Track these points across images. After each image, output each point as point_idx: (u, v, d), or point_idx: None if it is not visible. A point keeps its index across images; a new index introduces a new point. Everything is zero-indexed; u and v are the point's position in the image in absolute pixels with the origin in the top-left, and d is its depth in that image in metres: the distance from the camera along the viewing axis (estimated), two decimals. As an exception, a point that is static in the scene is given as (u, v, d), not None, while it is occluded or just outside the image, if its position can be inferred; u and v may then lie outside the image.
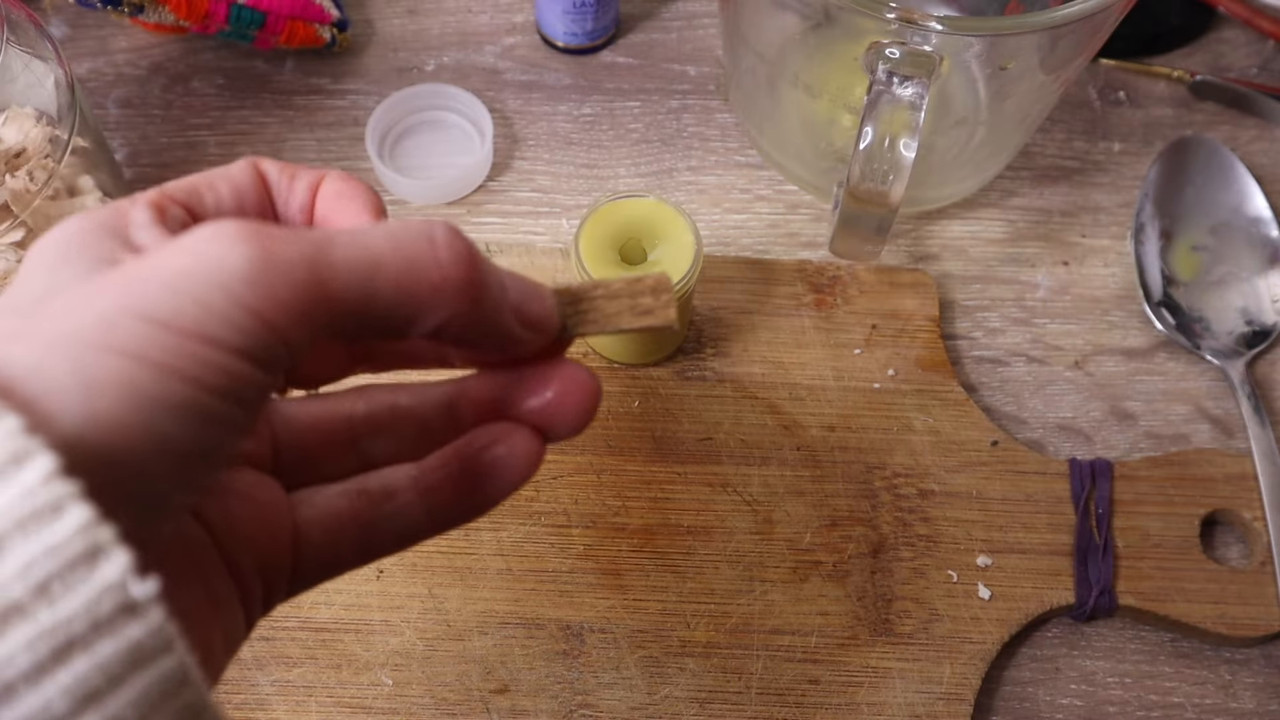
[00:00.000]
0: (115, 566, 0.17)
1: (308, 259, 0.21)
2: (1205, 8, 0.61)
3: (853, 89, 0.53)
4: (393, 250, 0.22)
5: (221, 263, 0.20)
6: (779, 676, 0.44)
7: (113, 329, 0.19)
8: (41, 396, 0.18)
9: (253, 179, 0.26)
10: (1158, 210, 0.54)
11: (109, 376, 0.19)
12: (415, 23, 0.61)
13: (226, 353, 0.20)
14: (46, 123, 0.44)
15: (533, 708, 0.43)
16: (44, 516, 0.17)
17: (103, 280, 0.20)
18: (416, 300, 0.22)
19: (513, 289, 0.25)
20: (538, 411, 0.27)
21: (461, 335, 0.24)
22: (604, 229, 0.45)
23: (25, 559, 0.17)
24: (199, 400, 0.19)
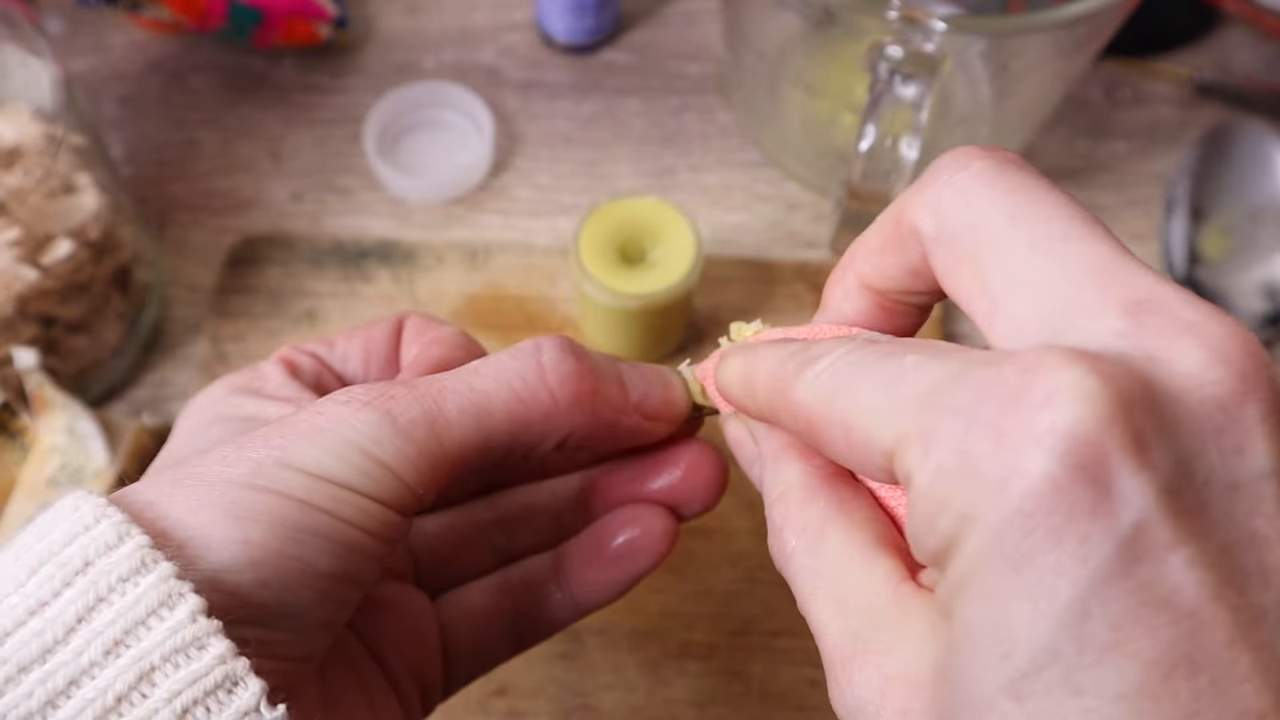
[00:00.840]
0: (250, 694, 0.20)
1: (426, 418, 0.23)
2: (1209, 7, 0.60)
3: (854, 88, 0.53)
4: (501, 386, 0.24)
5: (352, 424, 0.23)
6: (779, 678, 0.43)
7: (260, 471, 0.22)
8: (196, 536, 0.21)
9: (387, 335, 0.30)
10: (1193, 189, 0.54)
11: (258, 510, 0.21)
12: (414, 20, 0.61)
13: (360, 497, 0.22)
14: (42, 120, 0.44)
15: (532, 709, 0.43)
16: (189, 650, 0.20)
17: (252, 435, 0.23)
18: (532, 428, 0.24)
19: (634, 386, 0.26)
20: (666, 492, 0.28)
21: (585, 444, 0.26)
22: (604, 228, 0.45)
23: (173, 688, 0.20)
24: (337, 530, 0.22)
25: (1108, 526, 0.16)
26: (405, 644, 0.28)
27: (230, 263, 0.52)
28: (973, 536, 0.17)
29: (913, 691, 0.19)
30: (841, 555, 0.21)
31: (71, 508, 0.21)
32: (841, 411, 0.20)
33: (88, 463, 0.44)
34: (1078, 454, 0.16)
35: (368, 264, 0.52)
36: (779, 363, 0.22)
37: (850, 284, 0.24)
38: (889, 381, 0.19)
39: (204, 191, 0.55)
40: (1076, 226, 0.19)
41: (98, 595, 0.20)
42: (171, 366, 0.51)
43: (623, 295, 0.44)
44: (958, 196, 0.20)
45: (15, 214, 0.42)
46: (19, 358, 0.44)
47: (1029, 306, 0.19)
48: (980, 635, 0.17)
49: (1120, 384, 0.17)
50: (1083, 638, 0.16)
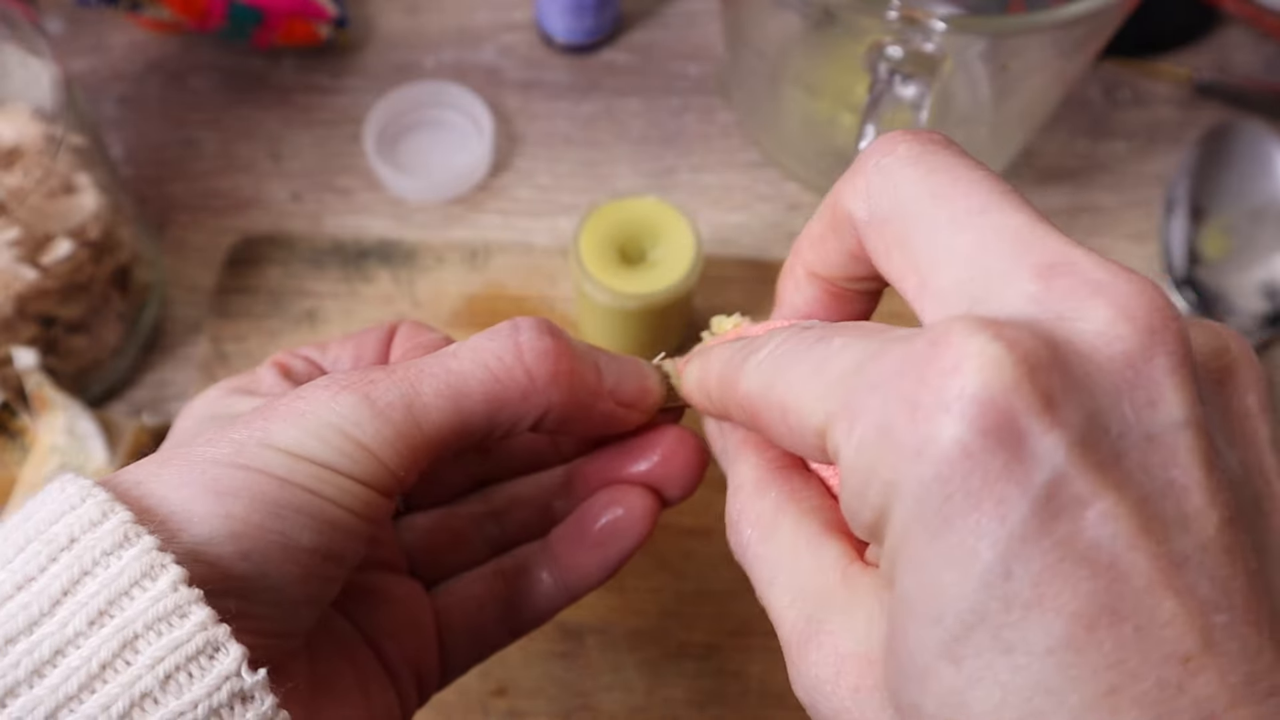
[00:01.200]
0: (231, 659, 0.20)
1: (403, 400, 0.24)
2: (1209, 7, 0.60)
3: (854, 88, 0.53)
4: (477, 366, 0.25)
5: (332, 406, 0.23)
6: (778, 679, 0.43)
7: (242, 450, 0.23)
8: (178, 511, 0.22)
9: (379, 341, 0.30)
10: (1193, 189, 0.54)
11: (239, 486, 0.22)
12: (414, 20, 0.61)
13: (340, 476, 0.23)
14: (42, 120, 0.44)
15: (531, 709, 0.43)
16: (170, 619, 0.20)
17: (236, 419, 0.24)
18: (509, 406, 0.25)
19: (609, 372, 0.27)
20: (644, 475, 0.29)
21: (561, 424, 0.26)
22: (604, 228, 0.45)
23: (155, 654, 0.20)
24: (317, 506, 0.23)
25: (1022, 486, 0.16)
26: (401, 632, 0.28)
27: (230, 263, 0.52)
28: (897, 506, 0.18)
29: (865, 668, 0.19)
30: (792, 543, 0.22)
31: (59, 489, 0.22)
32: (779, 396, 0.21)
33: (87, 463, 0.44)
34: (986, 418, 0.17)
35: (368, 264, 0.52)
36: (726, 359, 0.23)
37: (799, 275, 0.25)
38: (818, 365, 0.20)
39: (204, 191, 0.55)
40: (994, 199, 0.20)
41: (82, 569, 0.21)
42: (171, 367, 0.51)
43: (622, 295, 0.44)
44: (885, 180, 0.21)
45: (15, 214, 0.42)
46: (19, 358, 0.44)
47: (950, 280, 0.19)
48: (914, 603, 0.17)
49: (1025, 347, 0.17)
50: (1007, 597, 0.16)
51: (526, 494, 0.31)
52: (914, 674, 0.17)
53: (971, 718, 0.17)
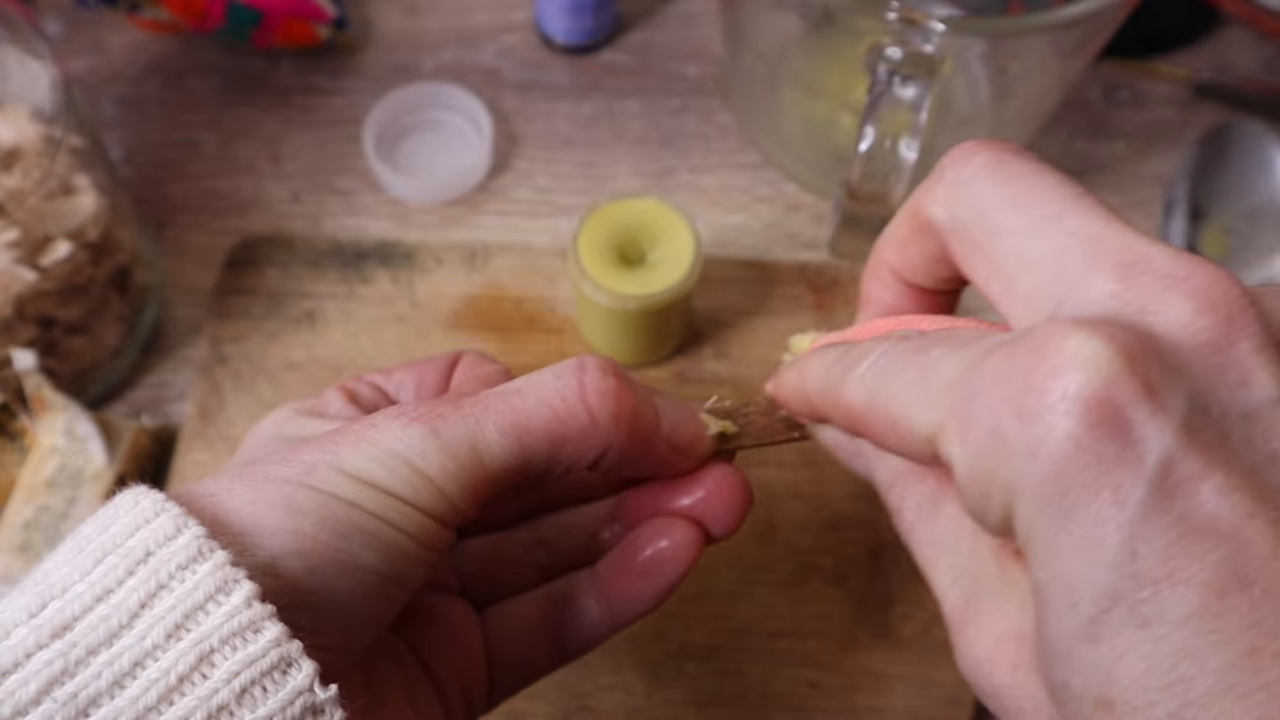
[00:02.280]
0: (304, 675, 0.21)
1: (469, 436, 0.25)
2: (1208, 8, 0.60)
3: (853, 89, 0.53)
4: (541, 405, 0.25)
5: (400, 436, 0.24)
6: (778, 680, 0.43)
7: (312, 471, 0.24)
8: (251, 527, 0.23)
9: (440, 369, 0.31)
10: (1192, 190, 0.54)
11: (309, 506, 0.23)
12: (414, 21, 0.61)
13: (403, 504, 0.24)
14: (41, 121, 0.44)
15: (531, 710, 0.43)
16: (245, 634, 0.21)
17: (309, 440, 0.25)
18: (570, 444, 0.26)
19: (666, 416, 0.27)
20: (689, 510, 0.29)
21: (616, 466, 0.27)
22: (603, 230, 0.45)
23: (231, 669, 0.21)
24: (380, 531, 0.24)
25: (1137, 470, 0.17)
26: (450, 651, 0.29)
27: (229, 264, 0.52)
28: (1020, 505, 0.18)
29: (1022, 646, 0.20)
30: (953, 528, 0.23)
31: (132, 503, 0.23)
32: (884, 407, 0.21)
33: (87, 464, 0.44)
34: (1094, 412, 0.18)
35: (367, 265, 0.52)
36: (825, 371, 0.24)
37: (884, 276, 0.26)
38: (920, 376, 0.21)
39: (203, 193, 0.55)
40: (1069, 204, 0.21)
41: (158, 583, 0.21)
42: (171, 368, 0.51)
43: (622, 296, 0.44)
44: (964, 190, 0.22)
45: (14, 215, 0.42)
46: (18, 359, 0.44)
47: (1033, 284, 0.21)
48: (1049, 592, 0.18)
49: (1121, 340, 0.18)
50: (1137, 575, 0.17)
51: (575, 523, 0.31)
52: (1059, 656, 0.18)
53: (1119, 691, 0.18)
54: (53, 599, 0.21)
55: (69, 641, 0.21)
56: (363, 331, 0.50)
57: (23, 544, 0.43)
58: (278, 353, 0.50)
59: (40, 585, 0.22)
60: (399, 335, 0.50)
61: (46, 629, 0.21)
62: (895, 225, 0.25)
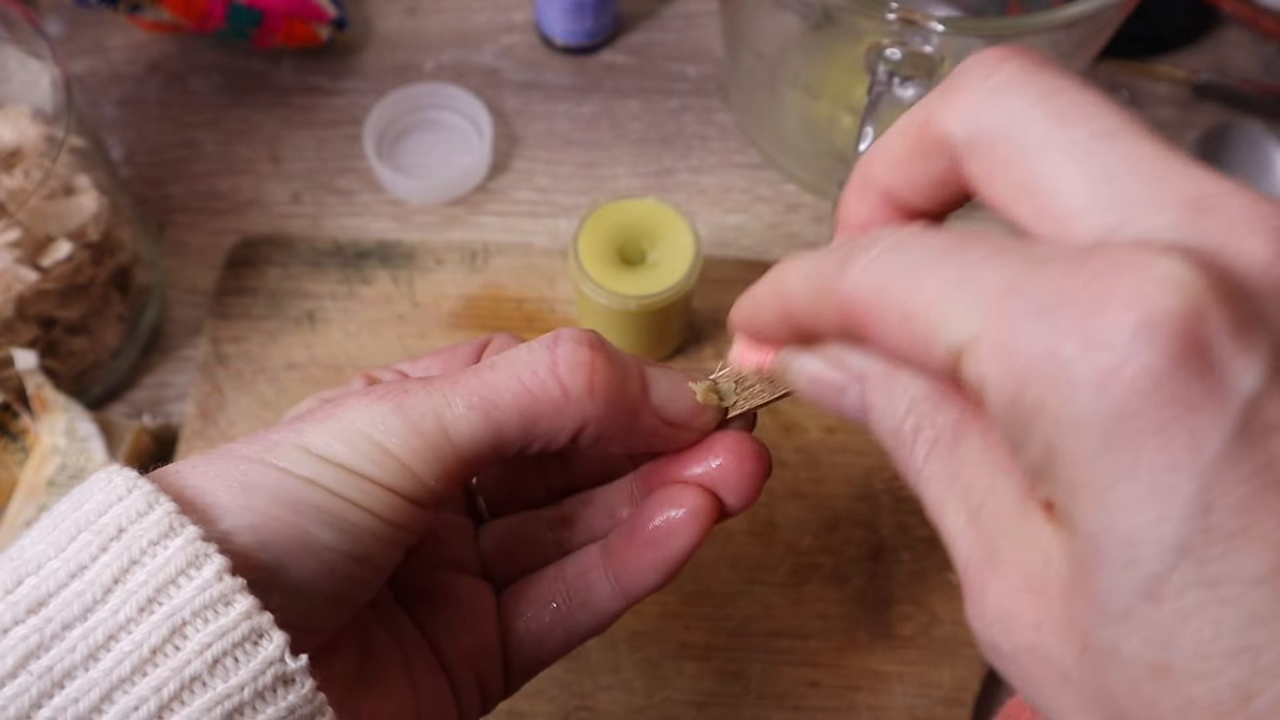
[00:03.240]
0: (274, 646, 0.22)
1: (434, 411, 0.24)
2: (1208, 8, 0.60)
3: (853, 89, 0.53)
4: (511, 379, 0.25)
5: (366, 414, 0.24)
6: (778, 679, 0.44)
7: (273, 449, 0.24)
8: (213, 504, 0.23)
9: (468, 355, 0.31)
10: None
11: (264, 481, 0.23)
12: (414, 22, 0.61)
13: (366, 481, 0.24)
14: (42, 121, 0.44)
15: (531, 710, 0.43)
16: (217, 606, 0.21)
17: (282, 421, 0.25)
18: (544, 419, 0.25)
19: (658, 388, 0.26)
20: (701, 479, 0.28)
21: (601, 439, 0.26)
22: (603, 230, 0.45)
23: (203, 640, 0.21)
24: (340, 508, 0.23)
25: (1219, 412, 0.16)
26: (461, 631, 0.29)
27: (230, 264, 0.52)
28: (1077, 443, 0.16)
29: (1043, 604, 0.18)
30: (977, 460, 0.21)
31: (105, 481, 0.23)
32: (900, 301, 0.19)
33: (88, 464, 0.45)
34: (1179, 342, 0.16)
35: (367, 265, 0.52)
36: (815, 265, 0.21)
37: (870, 197, 0.23)
38: (956, 275, 0.18)
39: (204, 193, 0.55)
40: (1124, 124, 0.19)
41: (131, 558, 0.22)
42: (171, 368, 0.51)
43: (622, 296, 0.44)
44: (992, 100, 0.20)
45: (15, 216, 0.42)
46: (19, 359, 0.44)
47: (1079, 204, 0.18)
48: (1104, 545, 0.17)
49: (1214, 270, 0.16)
50: (1209, 530, 0.16)
51: (598, 500, 0.31)
52: (1112, 616, 0.17)
53: (1182, 656, 0.16)
54: (28, 575, 0.22)
55: (44, 617, 0.21)
56: (363, 331, 0.50)
57: (24, 544, 0.43)
58: (278, 353, 0.50)
59: (15, 562, 0.22)
60: (399, 335, 0.50)
61: (22, 605, 0.21)
62: (891, 142, 0.22)
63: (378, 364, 0.50)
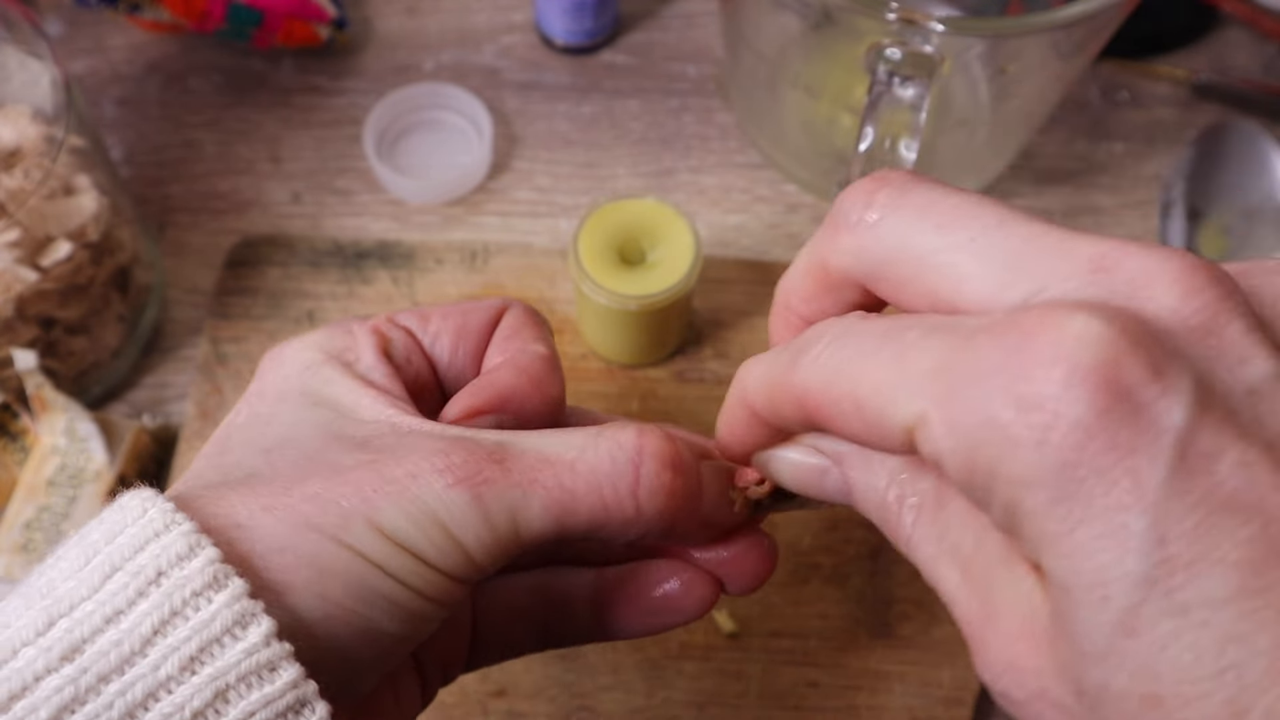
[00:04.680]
0: (318, 717, 0.21)
1: (511, 510, 0.24)
2: (1208, 8, 0.60)
3: (853, 89, 0.53)
4: (590, 490, 0.24)
5: (441, 498, 0.23)
6: (778, 679, 0.44)
7: (347, 528, 0.23)
8: (278, 579, 0.22)
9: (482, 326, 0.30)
10: (1189, 190, 0.54)
11: (339, 567, 0.22)
12: (414, 22, 0.61)
13: (432, 570, 0.23)
14: (42, 121, 0.44)
15: (531, 710, 0.43)
16: (263, 672, 0.21)
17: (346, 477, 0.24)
18: (609, 528, 0.25)
19: (707, 498, 0.26)
20: (711, 564, 0.28)
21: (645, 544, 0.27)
22: (603, 230, 0.45)
23: (248, 709, 0.21)
24: (404, 596, 0.23)
25: (1153, 453, 0.17)
26: (439, 636, 0.29)
27: (230, 264, 0.52)
28: (1027, 499, 0.17)
29: (1039, 651, 0.19)
30: (961, 520, 0.21)
31: (139, 510, 0.22)
32: (849, 390, 0.20)
33: (88, 464, 0.45)
34: (1102, 396, 0.17)
35: (367, 265, 0.52)
36: (769, 363, 0.22)
37: (795, 325, 0.25)
38: (895, 359, 0.19)
39: (203, 193, 0.55)
40: (1003, 213, 0.20)
41: (172, 609, 0.21)
42: (171, 368, 0.51)
43: (622, 296, 0.44)
44: (873, 233, 0.21)
45: (15, 216, 0.42)
46: (19, 359, 0.44)
47: (989, 289, 0.19)
48: (1074, 589, 0.17)
49: (1122, 321, 0.17)
50: (1169, 560, 0.17)
51: None
52: (1095, 655, 0.17)
53: (1169, 684, 0.17)
54: (60, 616, 0.21)
55: (79, 667, 0.20)
56: (363, 331, 0.50)
57: (24, 543, 0.43)
58: (278, 353, 0.50)
59: (47, 600, 0.21)
60: (399, 335, 0.50)
61: (56, 651, 0.20)
62: (798, 280, 0.24)
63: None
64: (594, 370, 0.50)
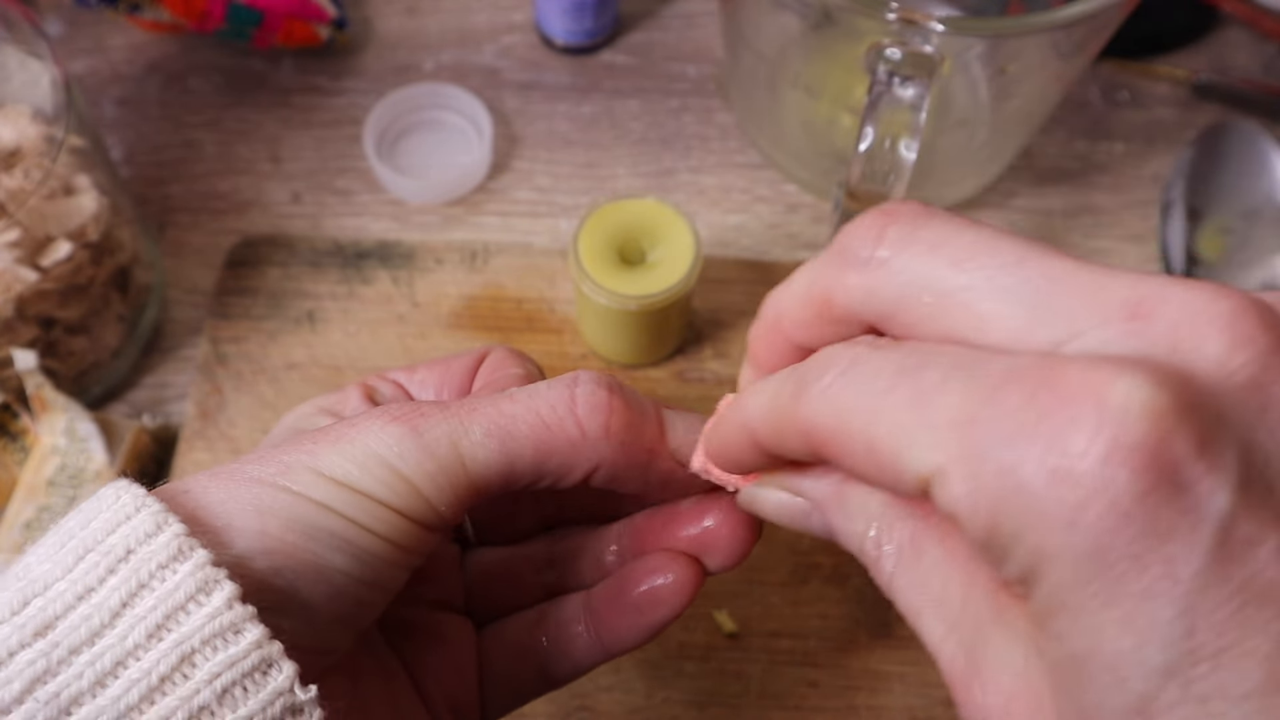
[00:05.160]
0: (284, 676, 0.21)
1: (450, 437, 0.24)
2: (1208, 8, 0.60)
3: (853, 89, 0.53)
4: (529, 412, 0.25)
5: (380, 436, 0.24)
6: (778, 679, 0.44)
7: (288, 472, 0.23)
8: (225, 527, 0.23)
9: (466, 367, 0.30)
10: (1189, 190, 0.54)
11: (279, 506, 0.23)
12: (414, 21, 0.61)
13: (379, 505, 0.23)
14: (42, 121, 0.44)
15: (531, 710, 0.43)
16: (227, 635, 0.21)
17: (292, 440, 0.25)
18: (558, 455, 0.25)
19: (675, 430, 0.26)
20: (694, 540, 0.28)
21: (614, 480, 0.26)
22: (603, 230, 0.45)
23: (213, 670, 0.21)
24: (352, 533, 0.23)
25: (1193, 538, 0.16)
26: (444, 671, 0.29)
27: (230, 264, 0.52)
28: (1051, 572, 0.17)
29: (1035, 707, 0.18)
30: (940, 571, 0.20)
31: (113, 497, 0.23)
32: (861, 430, 0.19)
33: (88, 464, 0.45)
34: (1146, 472, 0.16)
35: (367, 265, 0.52)
36: (773, 392, 0.21)
37: (781, 348, 0.24)
38: (914, 401, 0.18)
39: (203, 193, 0.55)
40: (1024, 249, 0.19)
41: (139, 582, 0.21)
42: (171, 368, 0.51)
43: (622, 296, 0.44)
44: (885, 272, 0.20)
45: (15, 216, 0.42)
46: (19, 359, 0.44)
47: (1019, 326, 0.18)
48: (1088, 666, 0.17)
49: (1173, 387, 0.16)
50: (1194, 651, 0.16)
51: (588, 547, 0.30)
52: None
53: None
54: (34, 596, 0.21)
55: (51, 641, 0.21)
56: (363, 332, 0.50)
57: (24, 543, 0.43)
58: (278, 353, 0.50)
59: (22, 581, 0.22)
60: (399, 335, 0.50)
61: (29, 628, 0.21)
62: (795, 306, 0.23)
63: (378, 364, 0.50)
64: (595, 369, 0.50)
